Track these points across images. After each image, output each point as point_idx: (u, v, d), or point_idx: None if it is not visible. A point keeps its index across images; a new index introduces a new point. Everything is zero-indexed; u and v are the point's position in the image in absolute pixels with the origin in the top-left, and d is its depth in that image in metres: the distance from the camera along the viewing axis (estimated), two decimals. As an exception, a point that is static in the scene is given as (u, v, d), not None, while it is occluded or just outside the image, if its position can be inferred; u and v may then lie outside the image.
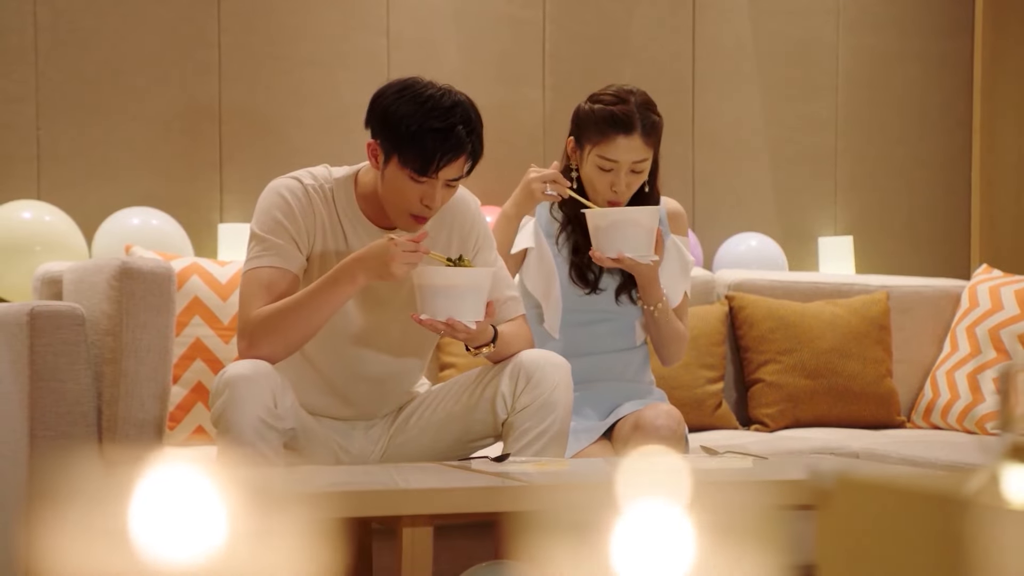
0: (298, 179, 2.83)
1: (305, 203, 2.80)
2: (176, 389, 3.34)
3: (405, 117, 2.69)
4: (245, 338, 2.73)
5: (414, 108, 2.70)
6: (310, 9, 4.29)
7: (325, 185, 2.84)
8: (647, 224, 2.96)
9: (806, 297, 4.20)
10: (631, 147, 3.07)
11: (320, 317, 2.71)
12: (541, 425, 2.81)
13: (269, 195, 2.82)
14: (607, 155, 3.08)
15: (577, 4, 4.60)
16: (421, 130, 2.68)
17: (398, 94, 2.74)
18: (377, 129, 2.76)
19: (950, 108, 5.06)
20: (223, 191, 4.16)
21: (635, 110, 3.08)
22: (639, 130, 3.07)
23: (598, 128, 3.08)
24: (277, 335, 2.71)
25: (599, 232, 2.96)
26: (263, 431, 2.64)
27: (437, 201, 2.74)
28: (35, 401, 2.90)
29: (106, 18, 4.05)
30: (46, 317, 2.92)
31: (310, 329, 2.73)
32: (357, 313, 2.87)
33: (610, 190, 3.10)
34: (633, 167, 3.09)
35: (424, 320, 2.68)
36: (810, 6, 4.90)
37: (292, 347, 2.75)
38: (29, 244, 3.72)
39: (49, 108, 3.98)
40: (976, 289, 4.19)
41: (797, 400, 3.99)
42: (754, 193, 4.82)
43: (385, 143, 2.74)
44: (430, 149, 2.68)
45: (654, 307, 3.15)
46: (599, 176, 3.11)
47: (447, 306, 2.67)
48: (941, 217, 5.06)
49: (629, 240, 2.94)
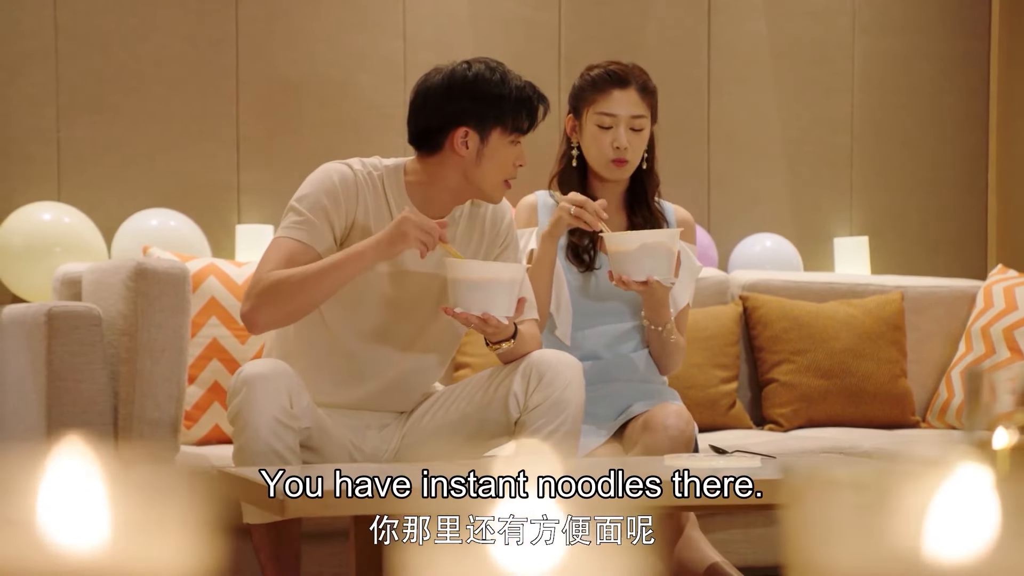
0: (349, 165, 2.90)
1: (351, 188, 2.86)
2: (193, 389, 3.38)
3: (497, 84, 2.84)
4: (250, 299, 2.77)
5: (496, 77, 2.86)
6: (327, 12, 4.32)
7: (374, 172, 2.90)
8: (672, 247, 2.95)
9: (821, 297, 4.21)
10: (628, 100, 3.14)
11: (325, 289, 2.75)
12: (553, 423, 2.83)
13: (318, 174, 2.89)
14: (605, 110, 3.14)
15: (592, 6, 4.62)
16: (518, 88, 2.85)
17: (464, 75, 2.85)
18: (470, 109, 2.84)
19: (966, 109, 5.06)
20: (240, 192, 4.20)
21: (630, 70, 3.19)
22: (635, 85, 3.17)
23: (595, 87, 3.17)
24: (280, 301, 2.74)
25: (626, 256, 2.92)
26: (279, 430, 2.67)
27: (523, 159, 2.90)
28: (52, 400, 2.94)
29: (125, 21, 4.09)
30: (63, 317, 2.96)
31: (313, 300, 2.76)
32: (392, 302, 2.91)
33: (611, 147, 3.14)
34: (632, 123, 3.15)
35: (458, 313, 2.72)
36: (826, 7, 4.91)
37: (292, 316, 2.79)
38: (49, 245, 3.76)
39: (69, 110, 4.02)
40: (991, 289, 4.19)
41: (811, 400, 4.00)
42: (769, 194, 4.83)
43: (482, 118, 2.84)
44: (531, 103, 2.85)
45: (661, 328, 3.16)
46: (600, 136, 3.15)
47: (482, 300, 2.71)
48: (957, 218, 5.06)
49: (657, 263, 2.93)
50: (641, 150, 3.17)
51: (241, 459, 2.68)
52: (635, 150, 3.15)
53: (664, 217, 3.28)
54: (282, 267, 2.78)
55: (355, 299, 2.90)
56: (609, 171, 3.17)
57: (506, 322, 2.75)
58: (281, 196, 3.00)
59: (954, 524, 0.61)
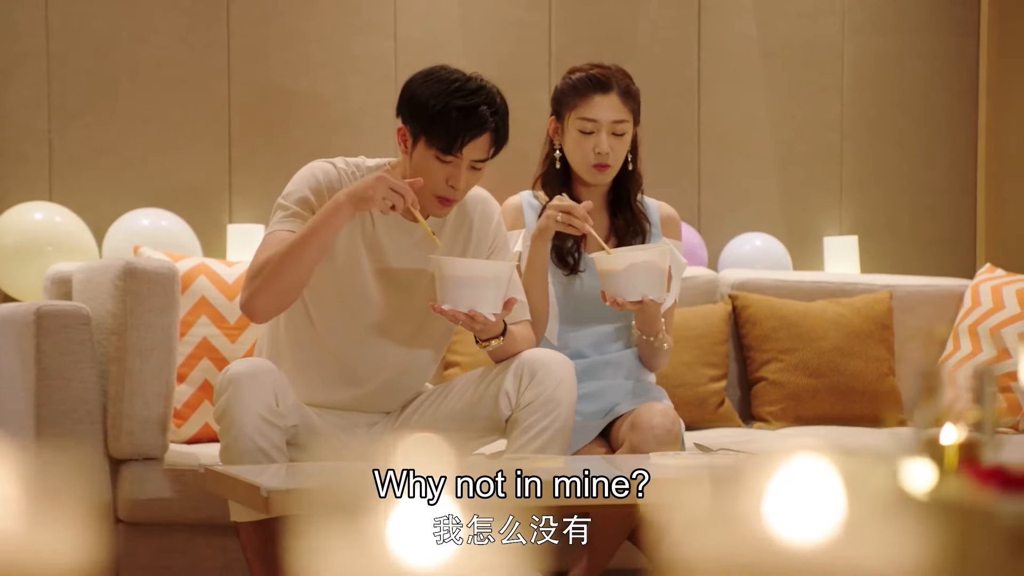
0: (333, 163, 2.93)
1: (335, 185, 2.88)
2: (183, 388, 3.40)
3: (431, 97, 2.79)
4: (246, 289, 2.81)
5: (440, 88, 2.80)
6: (319, 13, 4.34)
7: (357, 172, 2.92)
8: (662, 264, 2.95)
9: (809, 296, 4.23)
10: (609, 105, 3.14)
11: (309, 257, 2.76)
12: (544, 421, 2.86)
13: (303, 172, 2.92)
14: (586, 115, 3.14)
15: (583, 6, 4.64)
16: (446, 108, 2.77)
17: (425, 78, 2.85)
18: (405, 112, 2.86)
19: (956, 108, 5.08)
20: (232, 192, 4.22)
21: (612, 73, 3.17)
22: (616, 90, 3.16)
23: (576, 91, 3.16)
24: (270, 281, 2.76)
25: (616, 276, 2.92)
26: (264, 428, 2.69)
27: (462, 182, 2.82)
28: (41, 398, 2.96)
29: (117, 22, 4.11)
30: (52, 316, 2.98)
31: (300, 273, 2.77)
32: (379, 301, 2.93)
33: (593, 152, 3.14)
34: (613, 128, 3.14)
35: (445, 310, 2.74)
36: (816, 7, 4.93)
37: (285, 294, 2.79)
38: (41, 245, 3.78)
39: (61, 111, 4.04)
40: (979, 288, 4.21)
41: (799, 398, 4.03)
42: (759, 193, 4.84)
43: (412, 125, 2.83)
44: (454, 127, 2.77)
45: (653, 338, 3.17)
46: (581, 141, 3.15)
47: (469, 297, 2.73)
48: (947, 217, 5.07)
49: (650, 281, 2.92)
50: (623, 154, 3.19)
51: (227, 457, 2.70)
52: (617, 155, 3.17)
53: (647, 216, 3.29)
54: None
55: (341, 299, 2.92)
56: (591, 175, 3.19)
57: (493, 319, 2.76)
58: (272, 196, 3.02)
59: (801, 510, 0.64)
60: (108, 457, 3.04)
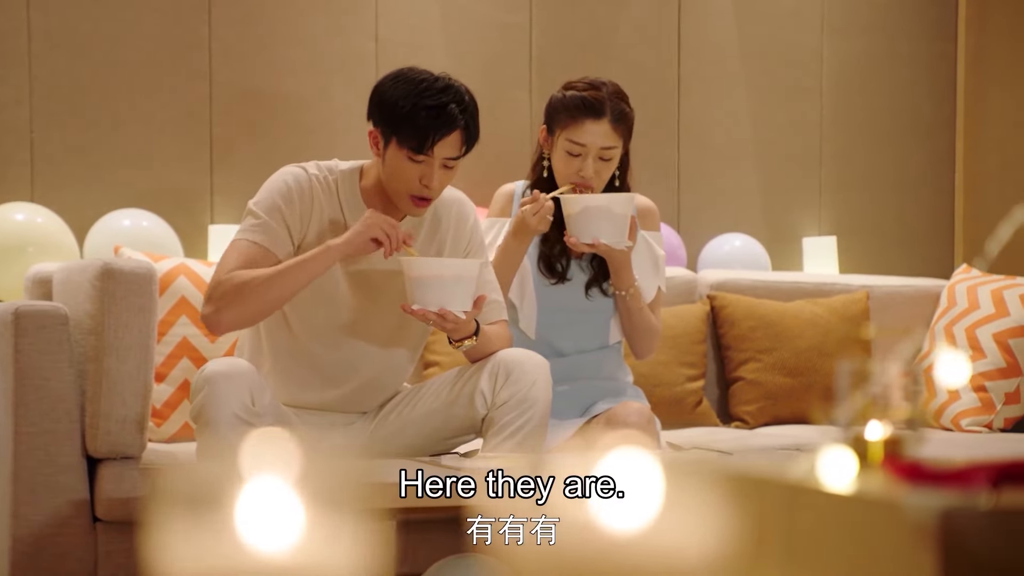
0: (304, 168, 2.95)
1: (306, 191, 2.91)
2: (163, 387, 3.42)
3: (400, 98, 2.82)
4: (212, 302, 2.82)
5: (408, 89, 2.83)
6: (300, 14, 4.36)
7: (329, 176, 2.95)
8: (620, 211, 3.01)
9: (788, 297, 4.26)
10: (600, 132, 3.13)
11: (288, 290, 2.81)
12: (520, 420, 2.88)
13: (274, 178, 2.95)
14: (575, 139, 3.14)
15: (563, 8, 4.66)
16: (415, 108, 2.80)
17: (393, 80, 2.87)
18: (375, 115, 2.88)
19: (934, 110, 5.12)
20: (214, 193, 4.24)
21: (606, 97, 3.15)
22: (608, 116, 3.13)
23: (568, 113, 3.15)
24: (246, 302, 2.79)
25: (573, 219, 3.02)
26: (240, 427, 2.71)
27: (435, 181, 2.85)
28: (19, 398, 2.97)
29: (99, 23, 4.12)
30: (30, 317, 2.99)
31: (276, 302, 2.82)
32: (354, 304, 2.95)
33: (576, 175, 3.16)
34: (601, 153, 3.14)
35: (416, 311, 2.77)
36: (795, 9, 4.96)
37: (256, 316, 2.85)
38: (22, 245, 3.79)
39: (43, 112, 4.06)
40: (955, 289, 4.24)
41: (777, 398, 4.05)
42: (739, 194, 4.87)
43: (383, 127, 2.86)
44: (424, 126, 2.80)
45: (625, 292, 3.21)
46: (567, 161, 3.16)
47: (438, 296, 2.76)
48: (925, 218, 5.11)
49: (603, 226, 3.00)
50: (608, 176, 3.19)
51: (203, 456, 2.72)
52: (601, 178, 3.18)
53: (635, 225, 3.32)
54: (242, 269, 2.83)
55: (317, 302, 2.94)
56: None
57: (464, 317, 2.79)
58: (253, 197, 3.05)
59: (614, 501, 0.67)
60: (86, 456, 3.06)
